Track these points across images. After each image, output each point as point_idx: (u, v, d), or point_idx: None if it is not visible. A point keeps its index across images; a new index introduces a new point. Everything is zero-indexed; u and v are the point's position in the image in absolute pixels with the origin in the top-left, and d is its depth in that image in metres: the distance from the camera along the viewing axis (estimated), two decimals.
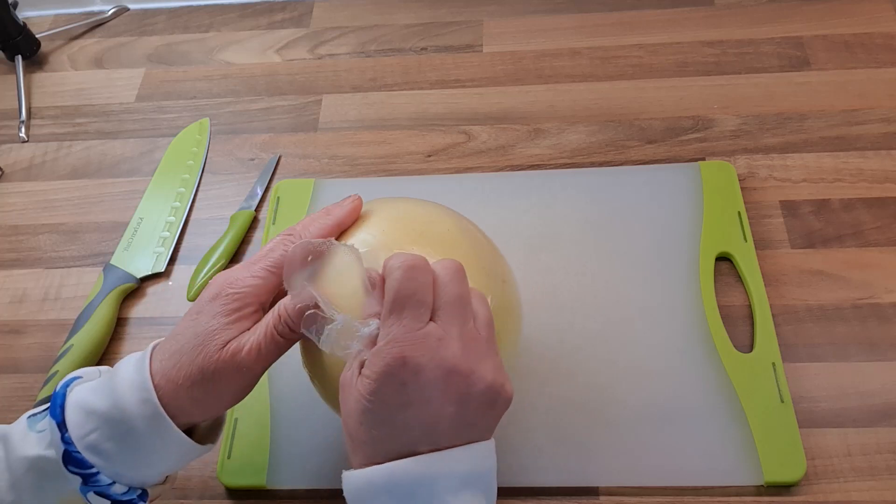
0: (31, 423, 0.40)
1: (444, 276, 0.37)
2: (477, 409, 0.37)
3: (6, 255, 0.64)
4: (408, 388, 0.35)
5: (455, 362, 0.35)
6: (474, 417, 0.37)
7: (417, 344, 0.35)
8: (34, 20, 0.81)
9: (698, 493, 0.48)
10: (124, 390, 0.38)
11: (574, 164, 0.63)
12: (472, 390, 0.36)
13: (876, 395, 0.50)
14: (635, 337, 0.53)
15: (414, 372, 0.35)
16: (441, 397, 0.35)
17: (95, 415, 0.38)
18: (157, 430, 0.38)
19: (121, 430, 0.38)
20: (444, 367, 0.35)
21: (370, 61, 0.73)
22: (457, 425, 0.36)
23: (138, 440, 0.38)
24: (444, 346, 0.35)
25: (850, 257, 0.56)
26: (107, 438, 0.38)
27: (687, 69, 0.68)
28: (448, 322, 0.36)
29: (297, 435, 0.52)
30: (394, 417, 0.35)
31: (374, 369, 0.35)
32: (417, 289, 0.36)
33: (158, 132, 0.71)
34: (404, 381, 0.35)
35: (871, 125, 0.63)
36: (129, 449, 0.38)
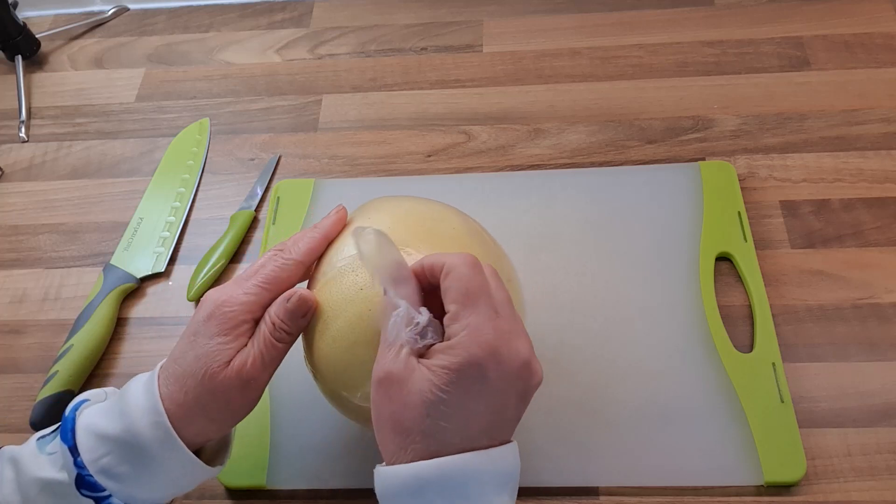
0: (40, 445, 0.40)
1: (493, 277, 0.38)
2: (526, 401, 0.38)
3: (6, 255, 0.64)
4: (488, 378, 0.35)
5: (527, 355, 0.36)
6: (521, 410, 0.38)
7: (499, 334, 0.35)
8: (34, 20, 0.81)
9: (698, 493, 0.48)
10: (136, 414, 0.38)
11: (574, 164, 0.63)
12: (531, 383, 0.37)
13: (876, 395, 0.50)
14: (635, 337, 0.53)
15: (497, 361, 0.35)
16: (511, 389, 0.36)
17: (107, 439, 0.38)
18: (169, 452, 0.39)
19: (133, 453, 0.38)
20: (519, 359, 0.36)
21: (370, 61, 0.73)
22: (513, 418, 0.37)
23: (151, 463, 0.39)
24: (516, 339, 0.36)
25: (850, 257, 0.56)
26: (120, 462, 0.38)
27: (687, 69, 0.68)
28: (508, 315, 0.37)
29: (297, 435, 0.52)
30: (468, 408, 0.35)
31: (457, 360, 0.35)
32: (484, 283, 0.37)
33: (158, 132, 0.71)
34: (486, 370, 0.35)
35: (871, 125, 0.63)
36: (142, 471, 0.39)
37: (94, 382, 0.56)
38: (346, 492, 0.49)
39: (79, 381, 0.55)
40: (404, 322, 0.36)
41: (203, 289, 0.59)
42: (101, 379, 0.56)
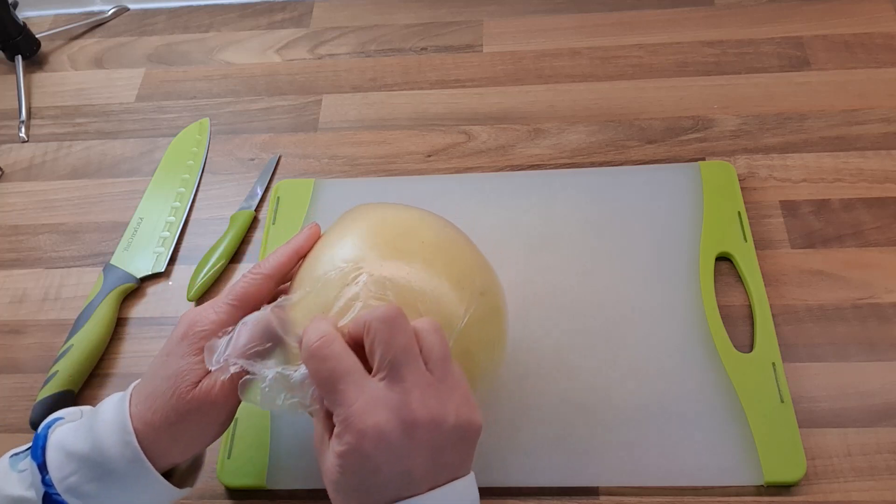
0: (13, 462, 0.40)
1: (381, 329, 0.36)
2: (448, 449, 0.36)
3: (6, 255, 0.64)
4: (373, 457, 0.35)
5: (413, 416, 0.35)
6: (448, 457, 0.37)
7: (367, 412, 0.34)
8: (34, 20, 0.81)
9: (698, 493, 0.48)
10: (105, 433, 0.39)
11: (574, 164, 0.63)
12: (438, 435, 0.36)
13: (876, 395, 0.50)
14: (635, 337, 0.53)
15: (375, 440, 0.34)
16: (409, 453, 0.35)
17: (76, 457, 0.38)
18: (136, 472, 0.39)
19: (101, 472, 0.38)
20: (404, 424, 0.35)
21: (370, 61, 0.73)
22: (432, 470, 0.36)
23: (118, 482, 0.39)
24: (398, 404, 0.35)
25: (850, 257, 0.56)
26: (87, 480, 0.38)
27: (687, 69, 0.68)
28: (394, 377, 0.35)
29: (297, 435, 0.51)
30: (366, 483, 0.35)
31: (337, 450, 0.35)
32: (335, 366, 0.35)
33: (158, 132, 0.71)
34: (367, 452, 0.34)
35: (871, 125, 0.63)
36: (109, 491, 0.39)
37: (94, 382, 0.56)
38: None
39: (79, 382, 0.55)
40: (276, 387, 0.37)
41: (203, 289, 0.59)
42: (101, 379, 0.56)
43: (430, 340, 0.37)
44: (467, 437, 0.37)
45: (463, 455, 0.38)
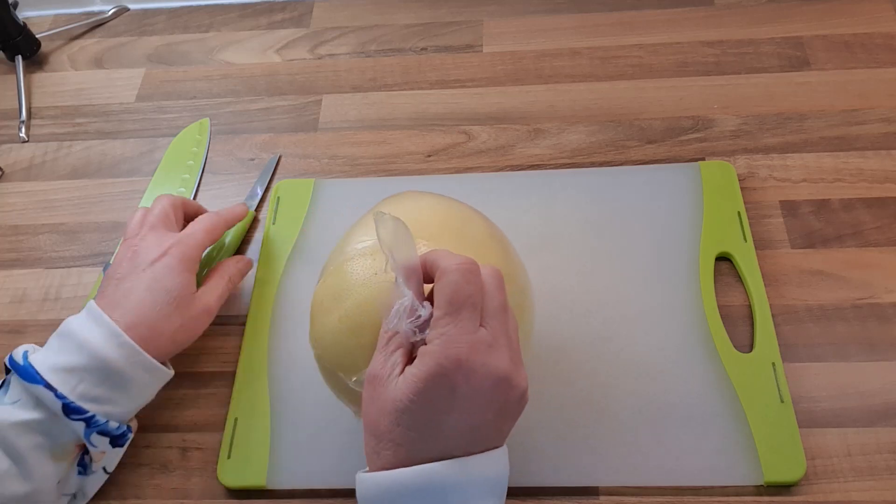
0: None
1: (491, 284, 0.37)
2: (510, 415, 0.37)
3: (6, 255, 0.64)
4: (457, 393, 0.35)
5: (504, 370, 0.36)
6: (505, 423, 0.37)
7: (473, 348, 0.35)
8: (34, 20, 0.81)
9: (698, 493, 0.48)
10: (96, 342, 0.45)
11: (574, 164, 0.63)
12: (511, 397, 0.37)
13: (876, 395, 0.50)
14: (635, 337, 0.53)
15: (466, 376, 0.35)
16: (486, 404, 0.35)
17: (77, 370, 0.45)
18: (135, 366, 0.46)
19: (104, 375, 0.45)
20: (494, 375, 0.35)
21: (370, 61, 0.73)
22: (492, 431, 0.37)
23: (121, 379, 0.46)
24: (495, 353, 0.35)
25: (850, 257, 0.56)
26: (95, 385, 0.45)
27: (687, 69, 0.68)
28: (497, 329, 0.36)
29: (297, 435, 0.52)
30: (436, 420, 0.35)
31: (425, 369, 0.34)
32: (473, 293, 0.36)
33: (158, 132, 0.71)
34: (455, 384, 0.34)
35: (871, 125, 0.63)
36: (115, 388, 0.46)
37: None
38: (346, 491, 0.49)
39: None
40: (406, 313, 0.36)
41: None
42: None
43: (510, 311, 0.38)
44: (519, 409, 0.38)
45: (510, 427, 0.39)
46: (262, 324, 0.57)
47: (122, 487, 0.51)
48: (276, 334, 0.56)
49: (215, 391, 0.55)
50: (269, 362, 0.55)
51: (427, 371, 0.34)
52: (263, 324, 0.57)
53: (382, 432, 0.36)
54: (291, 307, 0.57)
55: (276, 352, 0.55)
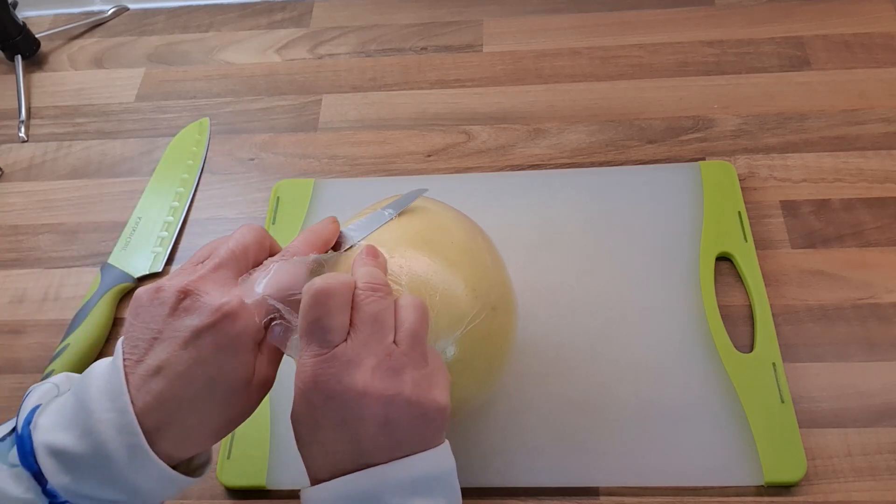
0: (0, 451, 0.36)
1: (362, 295, 0.36)
2: (405, 425, 0.36)
3: (6, 255, 0.64)
4: (318, 411, 0.35)
5: (364, 384, 0.34)
6: (405, 434, 0.36)
7: (323, 367, 0.35)
8: (34, 20, 0.81)
9: (698, 493, 0.48)
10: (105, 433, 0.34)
11: (574, 164, 0.63)
12: (391, 409, 0.35)
13: (876, 395, 0.50)
14: (635, 337, 0.53)
15: (324, 396, 0.35)
16: (356, 419, 0.35)
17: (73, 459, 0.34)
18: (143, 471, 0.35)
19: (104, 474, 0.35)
20: (353, 390, 0.34)
21: (370, 61, 0.73)
22: (385, 443, 0.35)
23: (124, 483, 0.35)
24: (353, 368, 0.35)
25: (851, 257, 0.56)
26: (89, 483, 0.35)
27: (687, 69, 0.68)
28: (359, 342, 0.35)
29: None
30: (314, 436, 0.36)
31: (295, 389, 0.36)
32: (321, 314, 0.35)
33: (158, 132, 0.71)
34: (314, 404, 0.35)
35: (871, 125, 0.63)
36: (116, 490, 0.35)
37: None
38: None
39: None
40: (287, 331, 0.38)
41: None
42: None
43: (404, 315, 0.37)
44: (428, 414, 0.36)
45: (423, 433, 0.36)
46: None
47: None
48: None
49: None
50: None
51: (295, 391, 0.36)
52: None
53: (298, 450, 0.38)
54: None
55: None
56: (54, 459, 0.34)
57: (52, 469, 0.34)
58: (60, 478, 0.34)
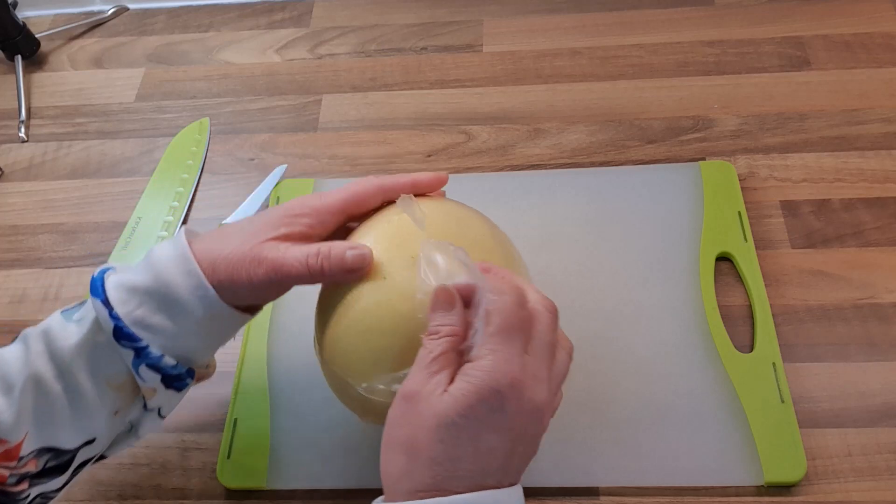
0: (66, 316, 0.40)
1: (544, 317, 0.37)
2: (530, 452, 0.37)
3: (6, 255, 0.64)
4: (506, 411, 0.34)
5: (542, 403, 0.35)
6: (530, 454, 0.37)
7: (525, 370, 0.35)
8: (34, 20, 0.81)
9: (698, 493, 0.48)
10: (166, 266, 0.39)
11: (574, 164, 0.63)
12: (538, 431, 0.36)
13: (876, 395, 0.50)
14: (635, 337, 0.53)
15: (517, 396, 0.34)
16: (523, 431, 0.35)
17: (139, 291, 0.39)
18: (201, 300, 0.39)
19: (166, 302, 0.39)
20: (534, 404, 0.35)
21: (370, 61, 0.73)
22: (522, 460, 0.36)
23: (184, 311, 0.39)
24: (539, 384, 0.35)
25: (851, 257, 0.56)
26: (153, 312, 0.39)
27: (687, 69, 0.68)
28: (541, 361, 0.36)
29: (297, 435, 0.51)
30: (480, 439, 0.34)
31: (477, 383, 0.34)
32: (526, 320, 0.36)
33: (158, 132, 0.71)
34: (505, 402, 0.34)
35: (871, 125, 0.63)
36: (176, 320, 0.39)
37: None
38: (346, 492, 0.49)
39: None
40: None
41: None
42: None
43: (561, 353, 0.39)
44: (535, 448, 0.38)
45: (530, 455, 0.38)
46: (262, 324, 0.56)
47: (122, 487, 0.51)
48: (276, 335, 0.56)
49: (215, 391, 0.55)
50: (269, 362, 0.55)
51: (479, 386, 0.33)
52: (263, 324, 0.56)
53: (420, 450, 0.34)
54: (292, 307, 0.57)
55: (276, 352, 0.55)
56: (122, 290, 0.39)
57: (118, 298, 0.39)
58: (125, 306, 0.38)
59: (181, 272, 0.39)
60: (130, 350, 0.39)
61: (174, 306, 0.39)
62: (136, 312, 0.39)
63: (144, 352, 0.39)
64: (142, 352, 0.39)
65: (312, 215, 0.41)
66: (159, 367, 0.39)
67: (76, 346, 0.39)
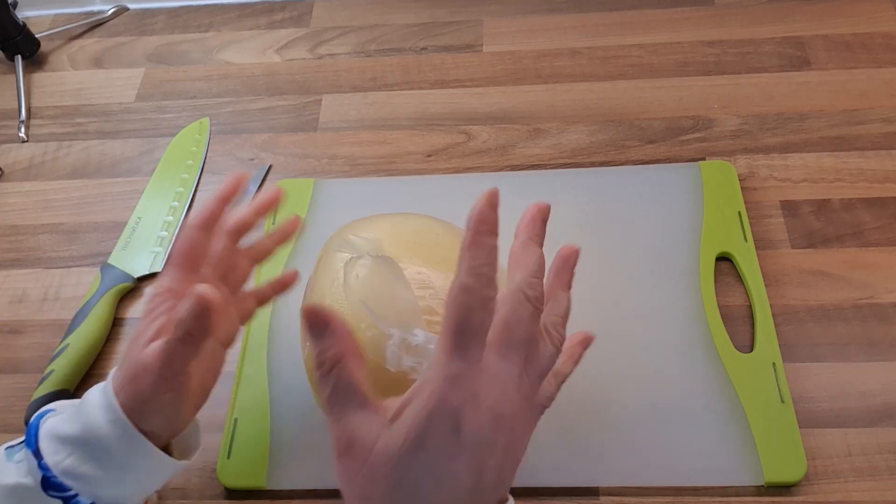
0: (8, 454, 0.41)
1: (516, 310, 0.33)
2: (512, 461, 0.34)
3: (6, 255, 0.64)
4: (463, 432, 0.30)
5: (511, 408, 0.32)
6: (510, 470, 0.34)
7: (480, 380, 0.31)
8: (34, 20, 0.81)
9: (698, 493, 0.47)
10: (93, 414, 0.39)
11: (574, 164, 0.63)
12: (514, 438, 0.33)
13: (876, 395, 0.50)
14: (635, 337, 0.53)
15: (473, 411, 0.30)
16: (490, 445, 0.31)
17: (68, 440, 0.39)
18: (130, 447, 0.38)
19: (95, 452, 0.38)
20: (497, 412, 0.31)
21: (370, 61, 0.73)
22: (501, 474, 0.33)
23: (113, 460, 0.39)
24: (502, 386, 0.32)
25: (851, 257, 0.56)
26: (82, 462, 0.38)
27: (687, 69, 0.68)
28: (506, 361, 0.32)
29: (297, 435, 0.51)
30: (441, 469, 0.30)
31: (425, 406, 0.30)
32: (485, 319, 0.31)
33: (158, 132, 0.71)
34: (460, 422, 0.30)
35: (871, 125, 0.63)
36: (106, 469, 0.39)
37: (90, 382, 0.56)
38: None
39: (74, 381, 0.55)
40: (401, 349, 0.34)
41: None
42: (98, 379, 0.56)
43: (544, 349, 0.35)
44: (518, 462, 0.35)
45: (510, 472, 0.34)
46: (262, 324, 0.56)
47: None
48: (275, 334, 0.56)
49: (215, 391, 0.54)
50: (268, 362, 0.55)
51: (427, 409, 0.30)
52: (263, 324, 0.56)
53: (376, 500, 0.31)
54: (291, 307, 0.57)
55: (276, 352, 0.55)
56: (52, 440, 0.39)
57: (49, 448, 0.39)
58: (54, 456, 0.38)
59: (107, 421, 0.38)
60: (59, 500, 0.39)
61: (103, 456, 0.38)
62: (66, 462, 0.38)
63: (73, 500, 0.39)
64: (70, 500, 0.39)
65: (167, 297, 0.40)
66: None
67: (9, 489, 0.39)
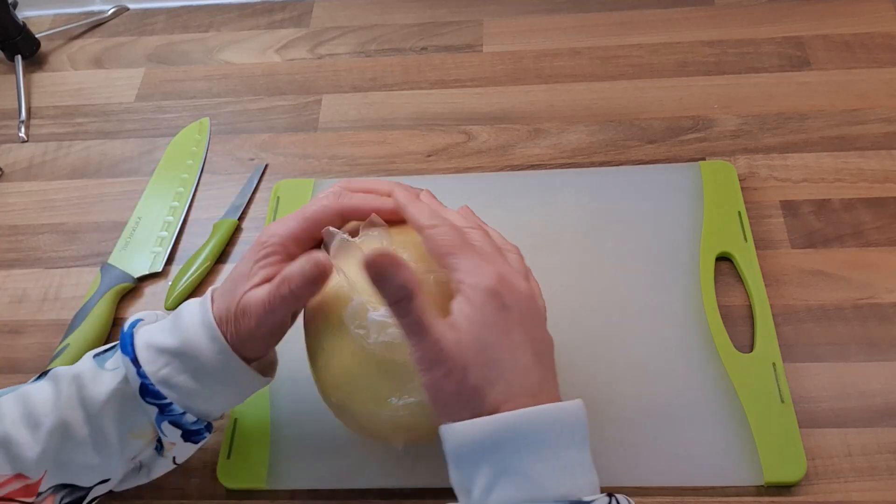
0: (98, 361, 0.43)
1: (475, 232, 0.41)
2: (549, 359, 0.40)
3: (6, 255, 0.64)
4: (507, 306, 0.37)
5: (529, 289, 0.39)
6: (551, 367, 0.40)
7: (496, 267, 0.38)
8: (34, 20, 0.81)
9: (698, 493, 0.47)
10: (191, 328, 0.41)
11: (574, 164, 0.63)
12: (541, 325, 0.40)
13: (876, 395, 0.50)
14: (635, 337, 0.53)
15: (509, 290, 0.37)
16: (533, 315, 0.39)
17: (166, 351, 0.41)
18: (225, 364, 0.41)
19: (192, 365, 0.41)
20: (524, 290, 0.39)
21: (370, 61, 0.73)
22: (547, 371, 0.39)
23: (208, 374, 0.42)
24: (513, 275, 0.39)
25: (851, 257, 0.56)
26: (178, 373, 0.41)
27: (687, 69, 0.68)
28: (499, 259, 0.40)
29: (297, 435, 0.51)
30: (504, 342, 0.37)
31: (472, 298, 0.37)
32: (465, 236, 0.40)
33: (158, 132, 0.71)
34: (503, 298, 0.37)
35: (871, 125, 0.63)
36: (200, 382, 0.42)
37: None
38: (346, 492, 0.49)
39: None
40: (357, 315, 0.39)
41: (181, 298, 0.59)
42: None
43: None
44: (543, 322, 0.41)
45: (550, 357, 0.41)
46: None
47: None
48: None
49: None
50: None
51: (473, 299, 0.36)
52: None
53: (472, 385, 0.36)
54: None
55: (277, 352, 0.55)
56: (150, 350, 0.41)
57: (147, 357, 0.41)
58: (152, 365, 0.41)
59: (205, 337, 0.41)
60: (155, 406, 0.41)
61: (200, 369, 0.41)
62: (163, 372, 0.41)
63: (168, 409, 0.42)
64: (165, 409, 0.42)
65: (280, 251, 0.42)
66: (180, 423, 0.42)
67: (107, 396, 0.41)
